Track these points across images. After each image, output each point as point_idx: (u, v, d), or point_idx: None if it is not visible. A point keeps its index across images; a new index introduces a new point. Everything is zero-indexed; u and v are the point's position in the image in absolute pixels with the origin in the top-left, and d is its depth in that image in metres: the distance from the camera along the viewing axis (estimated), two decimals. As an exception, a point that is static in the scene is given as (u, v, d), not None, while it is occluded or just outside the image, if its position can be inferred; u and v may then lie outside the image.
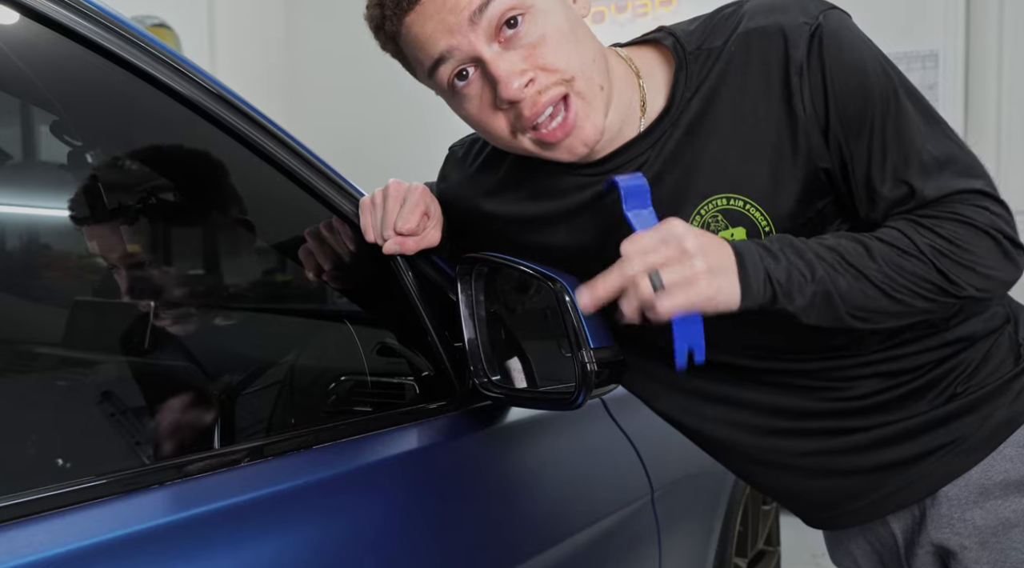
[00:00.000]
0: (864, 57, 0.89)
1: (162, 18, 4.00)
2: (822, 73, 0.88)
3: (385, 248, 1.02)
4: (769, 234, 0.92)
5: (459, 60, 0.88)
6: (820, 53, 0.88)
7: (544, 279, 0.98)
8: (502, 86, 0.86)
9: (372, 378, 1.12)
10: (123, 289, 0.91)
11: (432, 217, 1.05)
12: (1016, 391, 1.01)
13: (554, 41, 0.88)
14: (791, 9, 0.90)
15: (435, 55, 0.88)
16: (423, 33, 0.88)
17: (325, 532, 0.86)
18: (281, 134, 0.98)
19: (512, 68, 0.86)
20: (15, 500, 0.67)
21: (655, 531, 1.40)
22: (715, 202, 0.93)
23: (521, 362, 1.11)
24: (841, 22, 0.90)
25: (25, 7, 0.78)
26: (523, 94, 0.87)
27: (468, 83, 0.89)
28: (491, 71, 0.87)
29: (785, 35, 0.89)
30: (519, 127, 0.90)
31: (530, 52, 0.87)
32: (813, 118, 0.89)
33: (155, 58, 0.86)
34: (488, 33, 0.86)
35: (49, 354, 0.89)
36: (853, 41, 0.89)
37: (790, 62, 0.88)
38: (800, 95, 0.88)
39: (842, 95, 0.88)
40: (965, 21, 3.42)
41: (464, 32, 0.86)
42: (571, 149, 0.91)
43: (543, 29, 0.87)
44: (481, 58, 0.87)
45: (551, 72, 0.87)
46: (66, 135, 0.92)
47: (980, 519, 0.99)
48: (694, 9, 1.02)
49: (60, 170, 0.94)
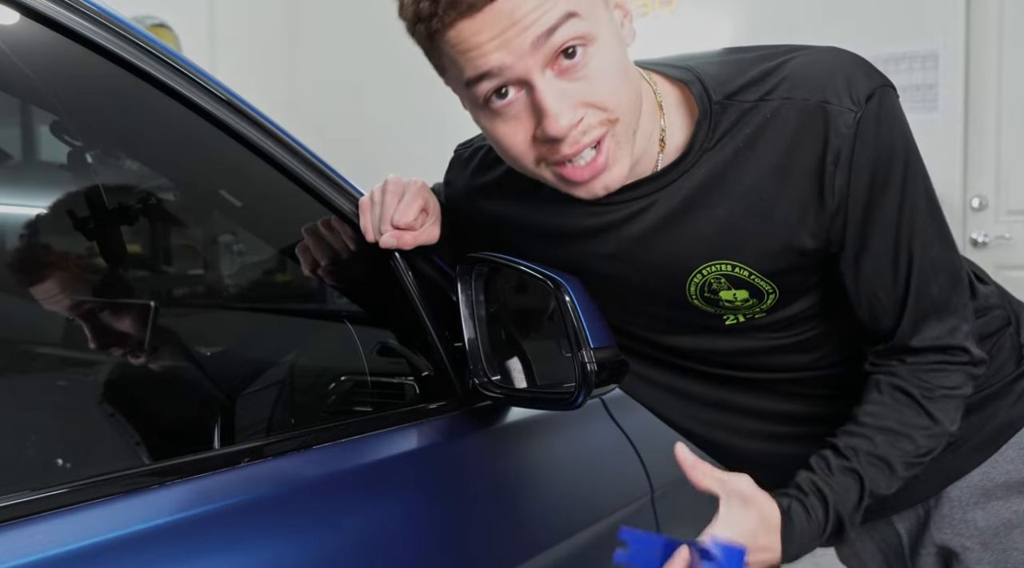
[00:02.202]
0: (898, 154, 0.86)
1: (162, 18, 4.00)
2: (861, 167, 0.84)
3: (382, 242, 1.00)
4: (771, 295, 0.92)
5: (506, 79, 0.80)
6: (861, 146, 0.84)
7: (544, 279, 0.98)
8: (549, 121, 0.79)
9: (372, 378, 1.12)
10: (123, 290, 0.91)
11: (431, 213, 1.04)
12: (1017, 393, 1.01)
13: (610, 78, 0.81)
14: (838, 87, 0.84)
15: (483, 69, 0.79)
16: (475, 42, 0.78)
17: (325, 532, 0.86)
18: (281, 134, 0.98)
19: (564, 104, 0.79)
20: (15, 500, 0.67)
21: (655, 531, 1.40)
22: (720, 267, 0.91)
23: (521, 362, 1.11)
24: (887, 110, 0.85)
25: (25, 7, 0.78)
26: (569, 133, 0.81)
27: (508, 103, 0.82)
28: (540, 101, 0.79)
29: (827, 119, 0.84)
30: (547, 160, 0.85)
31: (586, 87, 0.80)
32: (839, 210, 0.86)
33: (155, 58, 0.86)
34: (546, 59, 0.79)
35: (49, 354, 0.89)
36: (891, 136, 0.85)
37: (828, 149, 0.84)
38: (832, 184, 0.85)
39: (870, 190, 0.86)
40: (965, 21, 3.42)
41: (523, 55, 0.78)
42: (591, 190, 0.86)
43: (602, 64, 0.81)
44: (532, 84, 0.79)
45: (600, 110, 0.81)
46: (66, 135, 0.92)
47: (982, 520, 0.99)
48: (694, 9, 1.02)
49: (60, 170, 0.94)
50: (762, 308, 0.94)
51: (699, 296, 0.95)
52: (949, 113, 3.41)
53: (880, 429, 0.90)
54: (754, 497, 0.86)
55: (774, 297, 0.93)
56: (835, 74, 0.85)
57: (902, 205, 0.87)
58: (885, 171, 0.85)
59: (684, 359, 1.03)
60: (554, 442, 1.26)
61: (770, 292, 0.92)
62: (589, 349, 0.95)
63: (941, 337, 0.90)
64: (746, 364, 1.00)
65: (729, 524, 0.84)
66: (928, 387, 0.90)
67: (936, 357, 0.91)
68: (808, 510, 0.88)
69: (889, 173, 0.86)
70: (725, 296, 0.93)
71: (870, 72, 0.86)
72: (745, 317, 0.96)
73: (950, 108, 3.40)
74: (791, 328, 0.96)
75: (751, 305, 0.94)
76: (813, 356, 0.98)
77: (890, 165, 0.85)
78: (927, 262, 0.89)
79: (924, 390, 0.90)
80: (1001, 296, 1.06)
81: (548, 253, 1.01)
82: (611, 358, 0.98)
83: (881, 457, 0.89)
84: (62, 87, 0.85)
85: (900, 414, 0.90)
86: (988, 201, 3.37)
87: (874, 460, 0.89)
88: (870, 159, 0.84)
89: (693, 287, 0.94)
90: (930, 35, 3.43)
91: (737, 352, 0.99)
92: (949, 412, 0.91)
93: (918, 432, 0.90)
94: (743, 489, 0.86)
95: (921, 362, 0.91)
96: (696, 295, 0.95)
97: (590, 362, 0.95)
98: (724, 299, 0.94)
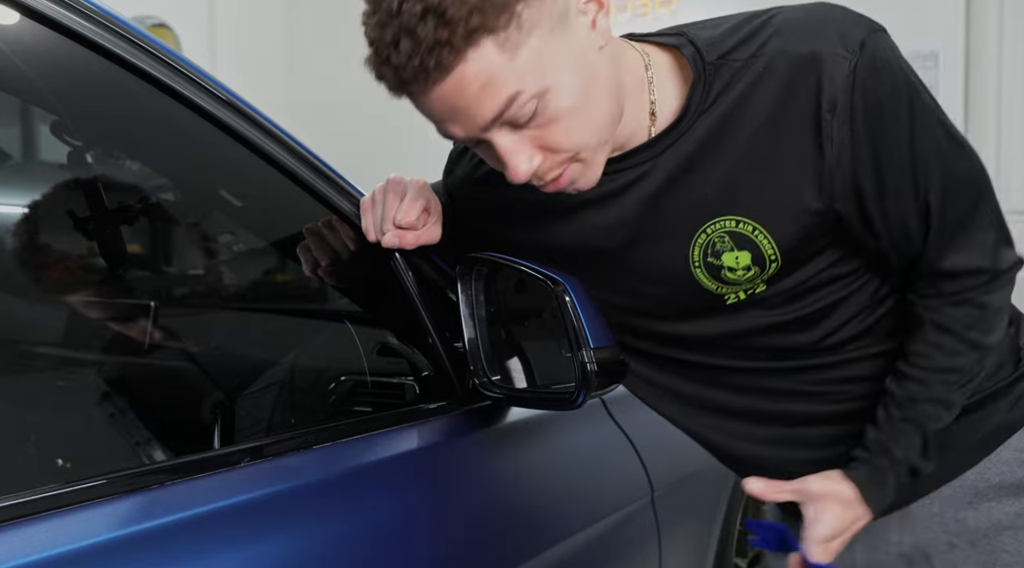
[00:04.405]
0: (899, 92, 0.85)
1: (162, 18, 4.00)
2: (860, 113, 0.84)
3: (384, 241, 1.00)
4: (774, 262, 0.91)
5: (467, 140, 0.86)
6: (857, 93, 0.83)
7: (544, 279, 0.98)
8: (511, 172, 0.84)
9: (372, 378, 1.12)
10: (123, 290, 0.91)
11: (432, 213, 1.04)
12: (1016, 396, 1.01)
13: (565, 122, 0.82)
14: (829, 34, 0.84)
15: (442, 133, 0.86)
16: (429, 114, 0.83)
17: (325, 532, 0.86)
18: (281, 134, 0.98)
19: (520, 154, 0.83)
20: (15, 500, 0.67)
21: (655, 531, 1.40)
22: (724, 223, 0.91)
23: (521, 362, 1.11)
24: (881, 53, 0.84)
25: (25, 7, 0.78)
26: (530, 177, 0.85)
27: (478, 146, 0.87)
28: (499, 153, 0.84)
29: (820, 66, 0.83)
30: None
31: (540, 134, 0.83)
32: (842, 159, 0.85)
33: (155, 58, 0.86)
34: (499, 125, 0.82)
35: (49, 354, 0.89)
36: (892, 79, 0.85)
37: (822, 96, 0.83)
38: (831, 135, 0.84)
39: (876, 135, 0.85)
40: (965, 21, 3.42)
41: (474, 128, 0.82)
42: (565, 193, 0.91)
43: (556, 109, 0.81)
44: (489, 141, 0.84)
45: (558, 153, 0.84)
46: (66, 135, 0.92)
47: (972, 520, 0.99)
48: (694, 9, 1.02)
49: (60, 170, 0.94)
50: (763, 279, 0.94)
51: (702, 262, 0.93)
52: (949, 113, 3.40)
53: (932, 369, 0.94)
54: (828, 491, 0.96)
55: (776, 265, 0.91)
56: (826, 23, 0.86)
57: (912, 140, 0.86)
58: (891, 113, 0.85)
59: (686, 351, 1.03)
60: (554, 442, 1.26)
61: (772, 259, 0.91)
62: (589, 349, 0.95)
63: (973, 259, 0.91)
64: (747, 346, 0.99)
65: (818, 524, 0.96)
66: (968, 316, 0.93)
67: (971, 281, 0.92)
68: (879, 472, 0.96)
69: (897, 114, 0.85)
70: (728, 261, 0.92)
71: (859, 19, 0.87)
72: (746, 293, 0.95)
73: (950, 108, 3.39)
74: (791, 303, 0.96)
75: (752, 276, 0.93)
76: (814, 335, 0.97)
77: (896, 107, 0.85)
78: (950, 181, 0.89)
79: (965, 324, 0.93)
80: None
81: (549, 231, 1.01)
82: (611, 358, 0.98)
83: (938, 399, 0.95)
84: (62, 87, 0.85)
85: (947, 352, 0.94)
86: (988, 201, 3.39)
87: (932, 403, 0.95)
88: (871, 105, 0.84)
89: (697, 250, 0.93)
90: (930, 35, 3.43)
91: (738, 334, 0.98)
92: (991, 330, 0.95)
93: (965, 361, 0.94)
94: (815, 490, 0.97)
95: (958, 291, 0.93)
96: (699, 261, 0.93)
97: (590, 362, 0.95)
98: (727, 265, 0.92)
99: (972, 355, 0.94)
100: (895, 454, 0.95)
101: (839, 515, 0.96)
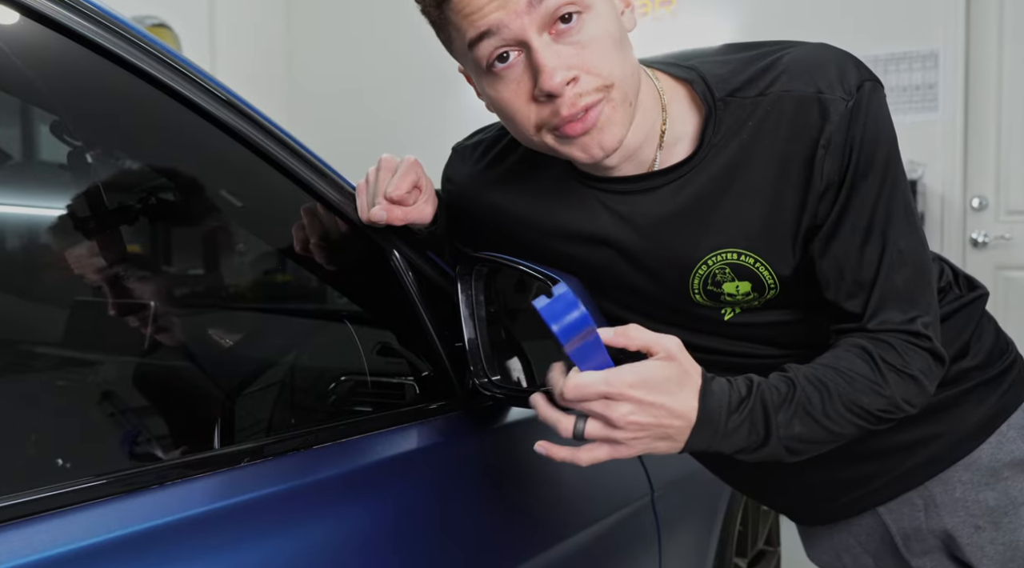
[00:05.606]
0: (882, 143, 0.90)
1: (162, 18, 4.00)
2: (847, 150, 0.88)
3: (372, 213, 1.00)
4: (773, 290, 0.94)
5: (505, 39, 0.85)
6: (850, 131, 0.88)
7: (544, 279, 0.98)
8: (544, 77, 0.84)
9: (372, 378, 1.12)
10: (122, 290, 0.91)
11: (423, 191, 1.04)
12: (1007, 384, 1.05)
13: (604, 45, 0.86)
14: (830, 77, 0.89)
15: (482, 28, 0.85)
16: (476, 5, 0.84)
17: (325, 532, 0.86)
18: (281, 134, 0.98)
19: (558, 62, 0.84)
20: (15, 500, 0.67)
21: (655, 531, 1.40)
22: (725, 255, 0.94)
23: (521, 362, 1.11)
24: (875, 102, 0.89)
25: (25, 7, 0.78)
26: (564, 90, 0.85)
27: (508, 66, 0.87)
28: (536, 59, 0.84)
29: (822, 109, 0.88)
30: (547, 124, 0.88)
31: (579, 51, 0.85)
32: (825, 187, 0.90)
33: (155, 58, 0.86)
34: (542, 21, 0.84)
35: (49, 354, 0.89)
36: (880, 125, 0.90)
37: (822, 134, 0.88)
38: (822, 167, 0.89)
39: (853, 173, 0.89)
40: (965, 21, 3.42)
41: (519, 13, 0.83)
42: (586, 148, 0.89)
43: (596, 31, 0.86)
44: (528, 44, 0.84)
45: (594, 76, 0.86)
46: (66, 135, 0.92)
47: (993, 500, 1.02)
48: (694, 9, 1.02)
49: (60, 170, 0.94)
50: (759, 301, 0.97)
51: (702, 291, 0.96)
52: (949, 113, 3.41)
53: (827, 366, 0.89)
54: (680, 354, 0.83)
55: (774, 292, 0.95)
56: (828, 66, 0.90)
57: (880, 191, 0.90)
58: (870, 156, 0.89)
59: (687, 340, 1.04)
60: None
61: (772, 287, 0.94)
62: (589, 349, 0.95)
63: (901, 323, 0.91)
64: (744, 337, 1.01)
65: (643, 367, 0.81)
66: (886, 354, 0.89)
67: (897, 337, 0.90)
68: (731, 384, 0.86)
69: (873, 159, 0.89)
70: (728, 289, 0.95)
71: (859, 65, 0.91)
72: (742, 309, 0.99)
73: (950, 108, 3.40)
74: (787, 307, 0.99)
75: (751, 299, 0.96)
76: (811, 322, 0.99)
77: (875, 152, 0.89)
78: (895, 251, 0.91)
79: (881, 354, 0.89)
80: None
81: (551, 248, 1.02)
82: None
83: (820, 380, 0.88)
84: (62, 87, 0.85)
85: (851, 362, 0.89)
86: (988, 201, 3.38)
87: (812, 380, 0.88)
88: (857, 143, 0.88)
89: (697, 280, 0.96)
90: (930, 35, 3.44)
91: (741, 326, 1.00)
92: (901, 386, 0.89)
93: (864, 381, 0.88)
94: (670, 346, 0.83)
95: (881, 339, 0.91)
96: (699, 289, 0.96)
97: (590, 362, 0.95)
98: (726, 292, 0.96)
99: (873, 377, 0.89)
100: (753, 380, 0.87)
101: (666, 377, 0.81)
